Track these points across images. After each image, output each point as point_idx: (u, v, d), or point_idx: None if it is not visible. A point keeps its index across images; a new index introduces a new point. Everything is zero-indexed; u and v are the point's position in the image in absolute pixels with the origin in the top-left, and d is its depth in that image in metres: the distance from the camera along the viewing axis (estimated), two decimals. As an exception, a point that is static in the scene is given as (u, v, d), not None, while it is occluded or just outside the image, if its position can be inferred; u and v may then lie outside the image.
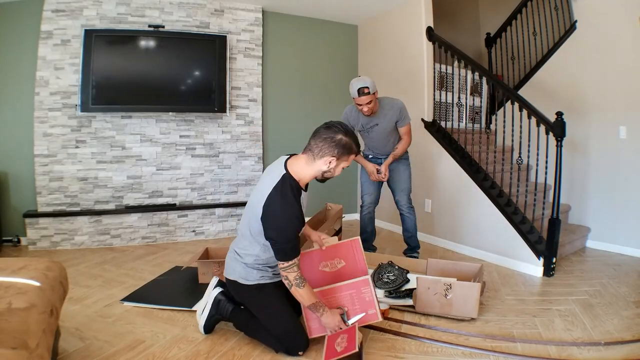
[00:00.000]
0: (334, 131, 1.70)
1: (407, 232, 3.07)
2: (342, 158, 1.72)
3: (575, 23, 3.70)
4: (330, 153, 1.69)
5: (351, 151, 1.74)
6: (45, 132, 3.38)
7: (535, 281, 2.76)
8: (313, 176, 1.77)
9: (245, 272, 1.79)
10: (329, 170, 1.74)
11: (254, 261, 1.78)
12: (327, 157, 1.70)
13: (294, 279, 1.67)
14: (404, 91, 4.00)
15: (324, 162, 1.71)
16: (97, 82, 3.34)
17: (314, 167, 1.73)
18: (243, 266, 1.79)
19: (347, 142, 1.71)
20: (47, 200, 3.41)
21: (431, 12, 3.75)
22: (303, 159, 1.74)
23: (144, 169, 3.69)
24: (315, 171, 1.74)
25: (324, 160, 1.70)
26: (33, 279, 1.42)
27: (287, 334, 1.73)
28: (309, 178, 1.77)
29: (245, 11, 3.98)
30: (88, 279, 2.66)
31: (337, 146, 1.69)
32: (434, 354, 1.79)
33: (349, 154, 1.73)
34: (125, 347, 1.78)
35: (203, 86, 3.71)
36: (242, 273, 1.79)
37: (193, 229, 3.82)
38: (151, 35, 3.49)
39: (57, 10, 3.33)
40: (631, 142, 3.31)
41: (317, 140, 1.71)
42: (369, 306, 1.83)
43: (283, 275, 1.68)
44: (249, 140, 4.09)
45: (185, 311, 2.19)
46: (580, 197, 3.67)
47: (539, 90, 3.95)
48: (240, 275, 1.80)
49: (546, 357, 1.76)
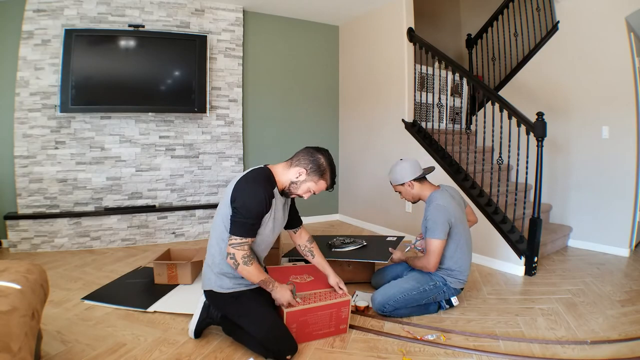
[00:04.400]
0: (318, 150, 1.78)
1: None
2: (311, 175, 1.75)
3: (557, 24, 3.71)
4: (304, 165, 1.74)
5: (322, 174, 1.76)
6: (25, 133, 3.36)
7: (517, 280, 2.74)
8: (284, 184, 1.79)
9: (219, 280, 1.76)
10: (296, 183, 1.76)
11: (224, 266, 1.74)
12: (299, 168, 1.74)
13: (241, 258, 1.64)
14: (384, 92, 4.02)
15: (296, 172, 1.75)
16: (76, 82, 3.33)
17: (287, 174, 1.77)
18: (215, 274, 1.76)
19: (323, 164, 1.76)
20: (27, 202, 3.39)
21: (412, 13, 3.76)
22: (282, 164, 1.81)
23: (123, 170, 3.67)
24: (286, 179, 1.77)
25: (296, 170, 1.75)
26: (14, 282, 1.40)
27: (273, 340, 1.67)
28: (283, 184, 1.79)
29: (225, 11, 3.98)
30: (68, 282, 2.64)
31: (312, 162, 1.74)
32: (416, 354, 1.77)
33: (319, 176, 1.76)
34: (107, 350, 1.76)
35: (183, 86, 3.70)
36: (217, 281, 1.76)
37: (173, 231, 3.79)
38: (131, 35, 3.48)
39: (39, 10, 3.33)
40: (614, 142, 3.31)
41: (299, 152, 1.79)
42: (343, 322, 1.94)
43: (230, 253, 1.64)
44: (229, 140, 4.08)
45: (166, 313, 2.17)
46: (562, 197, 3.67)
47: (520, 90, 3.96)
48: (215, 283, 1.76)
49: (530, 356, 1.74)
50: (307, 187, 1.77)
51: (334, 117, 4.83)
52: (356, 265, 2.62)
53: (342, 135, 4.81)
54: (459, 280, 2.19)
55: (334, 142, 4.81)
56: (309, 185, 1.77)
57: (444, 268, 2.17)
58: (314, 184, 1.77)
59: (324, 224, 4.61)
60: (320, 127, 4.72)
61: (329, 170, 1.77)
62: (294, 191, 1.79)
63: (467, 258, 2.20)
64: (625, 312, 2.19)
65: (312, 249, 2.04)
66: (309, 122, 4.64)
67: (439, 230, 2.05)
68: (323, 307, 1.85)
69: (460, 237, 2.15)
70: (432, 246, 2.07)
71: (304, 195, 1.81)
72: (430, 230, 2.08)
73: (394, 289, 2.13)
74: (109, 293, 2.44)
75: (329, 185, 1.81)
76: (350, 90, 4.64)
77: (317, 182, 1.77)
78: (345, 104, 4.74)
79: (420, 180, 2.23)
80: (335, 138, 4.84)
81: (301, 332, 1.82)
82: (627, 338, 1.89)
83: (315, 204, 4.62)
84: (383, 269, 2.51)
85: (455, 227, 2.11)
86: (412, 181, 2.20)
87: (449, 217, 2.08)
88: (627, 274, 2.85)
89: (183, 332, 1.95)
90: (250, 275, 1.69)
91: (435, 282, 2.16)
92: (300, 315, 1.80)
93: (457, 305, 2.26)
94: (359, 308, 2.19)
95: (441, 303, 2.22)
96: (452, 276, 2.17)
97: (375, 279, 2.51)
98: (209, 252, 1.81)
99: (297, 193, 1.80)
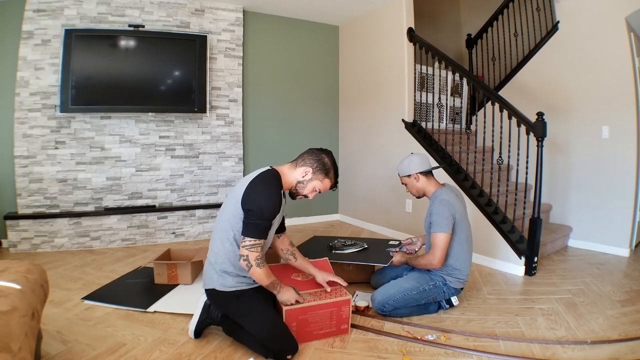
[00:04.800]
0: (322, 151, 1.87)
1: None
2: (317, 174, 1.82)
3: (557, 24, 3.71)
4: (310, 164, 1.82)
5: (327, 173, 1.84)
6: (25, 133, 3.36)
7: (517, 280, 2.74)
8: (291, 184, 1.84)
9: (221, 278, 1.77)
10: (302, 182, 1.83)
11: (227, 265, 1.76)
12: (305, 167, 1.82)
13: (254, 259, 1.67)
14: (384, 92, 4.02)
15: (302, 171, 1.82)
16: (76, 82, 3.32)
17: (293, 175, 1.83)
18: (218, 273, 1.77)
19: (327, 163, 1.84)
20: (27, 202, 3.39)
21: (412, 13, 3.76)
22: (287, 165, 1.87)
23: (123, 170, 3.67)
24: (293, 179, 1.83)
25: (302, 170, 1.82)
26: (14, 282, 1.40)
27: (273, 339, 1.68)
28: (289, 184, 1.85)
29: (225, 11, 3.98)
30: (68, 282, 2.64)
31: (317, 161, 1.82)
32: (416, 354, 1.77)
33: (324, 174, 1.84)
34: (107, 350, 1.76)
35: (183, 86, 3.70)
36: (219, 279, 1.77)
37: (173, 231, 3.79)
38: (131, 35, 3.48)
39: (39, 10, 3.33)
40: (614, 142, 3.31)
41: (304, 154, 1.87)
42: (344, 322, 1.94)
43: (243, 255, 1.67)
44: (229, 140, 4.08)
45: (166, 313, 2.18)
46: (562, 197, 3.67)
47: (520, 90, 3.96)
48: (218, 282, 1.77)
49: (530, 356, 1.74)
50: (312, 186, 1.84)
51: (334, 117, 4.83)
52: (356, 266, 2.62)
53: (342, 135, 4.81)
54: (459, 280, 2.19)
55: (334, 142, 4.80)
56: (314, 184, 1.84)
57: (444, 267, 2.17)
58: (320, 183, 1.84)
59: (324, 224, 4.61)
60: (320, 127, 4.72)
61: (333, 169, 1.86)
62: (300, 191, 1.85)
63: (468, 257, 2.21)
64: (625, 312, 2.19)
65: (294, 252, 2.07)
66: (309, 122, 4.64)
67: (444, 223, 2.05)
68: (323, 306, 1.86)
69: (462, 235, 2.16)
70: (438, 240, 2.06)
71: (309, 195, 1.87)
72: (435, 224, 2.07)
73: (394, 289, 2.13)
74: (109, 293, 2.45)
75: (333, 183, 1.88)
76: (350, 90, 4.64)
77: (323, 181, 1.84)
78: (345, 104, 4.74)
79: (427, 175, 2.24)
80: (335, 138, 4.84)
81: (302, 331, 1.82)
82: (627, 338, 1.89)
83: (315, 204, 4.63)
84: (383, 269, 2.51)
85: (458, 223, 2.13)
86: (419, 174, 2.21)
87: (453, 212, 2.10)
88: (627, 274, 2.85)
89: (183, 332, 1.95)
90: (261, 278, 1.72)
91: (435, 282, 2.16)
92: (300, 313, 1.81)
93: (457, 305, 2.26)
94: (359, 308, 2.20)
95: (441, 303, 2.22)
96: (452, 275, 2.17)
97: (374, 279, 2.51)
98: (211, 250, 1.82)
99: (303, 193, 1.86)
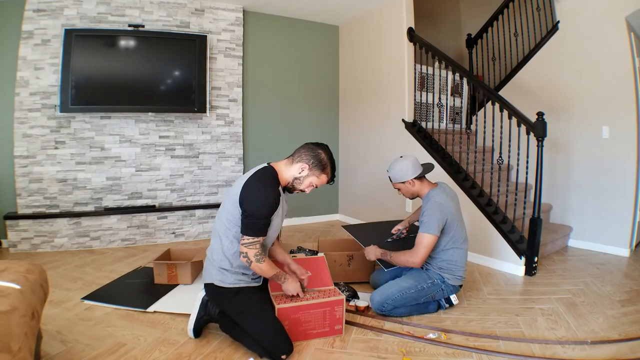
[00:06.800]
0: (318, 146, 1.86)
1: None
2: (313, 170, 1.82)
3: (557, 24, 3.71)
4: (306, 161, 1.82)
5: (324, 168, 1.84)
6: (25, 132, 3.36)
7: (517, 280, 2.74)
8: (288, 180, 1.85)
9: (220, 274, 1.79)
10: (299, 178, 1.83)
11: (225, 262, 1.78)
12: (302, 164, 1.82)
13: (254, 256, 1.70)
14: (384, 92, 4.02)
15: (298, 167, 1.82)
16: (76, 82, 3.32)
17: (290, 171, 1.84)
18: (217, 269, 1.80)
19: (323, 159, 1.84)
20: (27, 202, 3.38)
21: (412, 13, 3.76)
22: (284, 161, 1.88)
23: (123, 170, 3.66)
24: (289, 175, 1.84)
25: (299, 166, 1.82)
26: (14, 282, 1.40)
27: (269, 338, 1.69)
28: (286, 180, 1.85)
29: (225, 11, 3.98)
30: (68, 282, 2.64)
31: (313, 157, 1.82)
32: (416, 354, 1.77)
33: (321, 170, 1.84)
34: (107, 350, 1.76)
35: (183, 86, 3.69)
36: (218, 275, 1.79)
37: (173, 231, 3.79)
38: (131, 35, 3.48)
39: (39, 9, 3.33)
40: (614, 141, 3.31)
41: (300, 149, 1.87)
42: (338, 322, 1.94)
43: (243, 252, 1.70)
44: (229, 140, 4.08)
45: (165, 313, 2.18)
46: (562, 197, 3.67)
47: (520, 90, 3.96)
48: (217, 277, 1.80)
49: (530, 356, 1.74)
50: (309, 182, 1.85)
51: (334, 117, 4.83)
52: (356, 265, 2.62)
53: (342, 135, 4.81)
54: (457, 277, 2.19)
55: (334, 142, 4.80)
56: (311, 179, 1.84)
57: (438, 263, 2.19)
58: (316, 178, 1.85)
59: (324, 224, 4.61)
60: (320, 127, 4.72)
61: (330, 164, 1.86)
62: (297, 187, 1.86)
63: (462, 253, 2.22)
64: (625, 312, 2.19)
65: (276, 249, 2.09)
66: (309, 122, 4.63)
67: (432, 226, 2.06)
68: (316, 305, 1.87)
69: (454, 232, 2.17)
70: (424, 240, 2.07)
71: (306, 190, 1.87)
72: (424, 224, 2.09)
73: (392, 288, 2.14)
74: (108, 293, 2.45)
75: (330, 179, 1.89)
76: (350, 90, 4.64)
77: (319, 177, 1.85)
78: (345, 104, 4.74)
79: (420, 178, 2.26)
80: (335, 138, 4.84)
81: (294, 329, 1.83)
82: (627, 338, 1.89)
83: (315, 204, 4.64)
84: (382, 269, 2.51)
85: (451, 223, 2.14)
86: (413, 179, 2.21)
87: (446, 215, 2.11)
88: (627, 274, 2.85)
89: (183, 332, 1.95)
90: (263, 272, 1.77)
91: (433, 280, 2.17)
92: (292, 312, 1.83)
93: (457, 305, 2.26)
94: (359, 308, 2.19)
95: (440, 302, 2.22)
96: (448, 272, 2.18)
97: (373, 279, 2.51)
98: (211, 247, 1.86)
99: (300, 188, 1.87)
